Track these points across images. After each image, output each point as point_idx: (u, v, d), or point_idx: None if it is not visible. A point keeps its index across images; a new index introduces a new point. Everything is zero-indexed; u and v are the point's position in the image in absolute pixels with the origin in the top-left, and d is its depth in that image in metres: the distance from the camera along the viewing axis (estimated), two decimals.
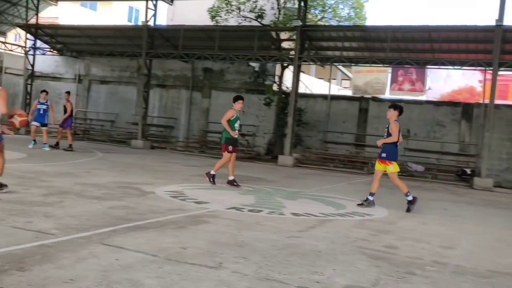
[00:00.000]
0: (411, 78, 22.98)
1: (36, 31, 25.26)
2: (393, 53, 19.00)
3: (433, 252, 5.81)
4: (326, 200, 9.69)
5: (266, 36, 21.72)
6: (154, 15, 22.02)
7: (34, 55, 25.73)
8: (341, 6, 25.51)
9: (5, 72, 27.34)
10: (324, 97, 22.43)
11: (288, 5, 24.59)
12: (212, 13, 23.76)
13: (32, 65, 25.63)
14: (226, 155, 10.50)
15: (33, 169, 10.42)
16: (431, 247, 6.11)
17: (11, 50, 27.10)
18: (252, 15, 23.03)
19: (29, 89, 25.66)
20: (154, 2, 21.98)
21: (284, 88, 22.35)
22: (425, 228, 7.58)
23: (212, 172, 10.56)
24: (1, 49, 26.81)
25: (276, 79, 22.93)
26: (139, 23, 30.51)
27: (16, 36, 30.99)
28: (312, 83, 28.88)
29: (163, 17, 30.46)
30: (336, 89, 30.91)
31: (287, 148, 19.00)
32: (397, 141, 8.91)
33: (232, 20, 23.61)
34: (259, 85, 22.79)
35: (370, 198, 9.03)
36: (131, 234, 5.36)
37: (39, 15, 25.79)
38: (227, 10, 23.36)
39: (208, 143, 22.65)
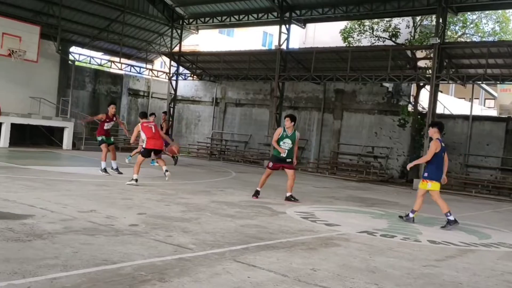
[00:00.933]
0: None
1: (179, 58, 27.30)
2: None
3: None
4: (468, 228, 8.96)
5: (401, 55, 21.05)
6: (287, 39, 22.54)
7: (176, 80, 27.79)
8: (484, 21, 23.94)
9: (152, 97, 29.88)
10: (465, 117, 20.97)
11: (425, 22, 23.70)
12: (344, 35, 23.74)
13: (175, 90, 27.71)
14: (267, 170, 10.68)
15: (173, 187, 11.14)
16: None
17: (157, 77, 29.57)
18: (386, 35, 22.54)
19: (171, 112, 27.69)
20: (287, 26, 22.53)
21: (419, 108, 21.38)
22: None
23: (258, 188, 10.63)
24: (149, 75, 29.38)
25: (411, 99, 22.04)
26: (273, 47, 31.47)
27: (162, 63, 33.75)
28: (451, 103, 27.27)
29: (296, 40, 31.09)
30: (478, 109, 28.83)
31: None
32: (429, 159, 8.77)
33: (365, 41, 23.33)
34: (393, 105, 22.09)
35: (411, 214, 8.94)
36: (262, 253, 5.42)
37: (182, 43, 27.87)
38: (360, 30, 23.17)
39: (339, 165, 22.38)
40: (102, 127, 12.94)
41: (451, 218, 8.53)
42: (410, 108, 21.71)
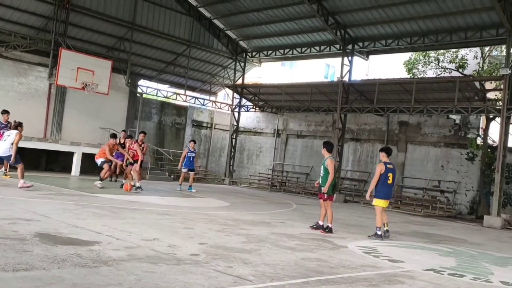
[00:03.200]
0: None
1: (242, 90, 27.83)
2: None
3: None
4: None
5: (469, 87, 20.38)
6: (349, 71, 22.45)
7: (239, 112, 28.30)
8: None
9: (215, 128, 30.51)
10: None
11: (494, 53, 22.89)
12: (408, 66, 23.36)
13: (237, 121, 28.17)
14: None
15: (234, 217, 11.20)
16: None
17: (220, 108, 30.23)
18: (452, 66, 21.97)
19: (233, 143, 28.11)
20: (349, 58, 22.47)
21: (489, 141, 20.48)
22: None
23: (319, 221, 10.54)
24: (212, 107, 30.09)
25: (480, 132, 21.18)
26: (335, 79, 31.40)
27: (225, 96, 34.46)
28: None
29: (358, 72, 30.91)
30: None
31: (495, 208, 17.14)
32: (377, 181, 10.04)
33: (430, 72, 22.83)
34: (461, 138, 21.30)
35: (378, 232, 10.00)
36: None
37: (244, 75, 28.44)
38: (425, 62, 22.73)
39: (403, 199, 21.70)
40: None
41: (379, 232, 9.97)
42: (479, 141, 20.86)
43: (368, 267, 6.83)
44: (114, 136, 15.59)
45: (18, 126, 12.99)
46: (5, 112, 14.88)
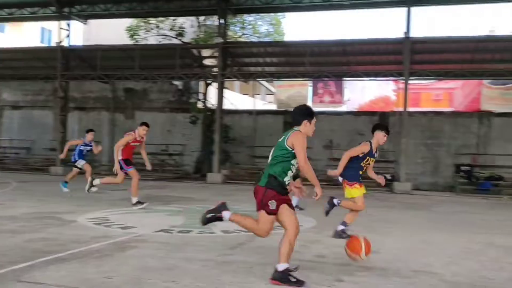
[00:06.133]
0: (330, 90, 23.61)
1: None
2: (312, 67, 19.44)
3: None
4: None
5: (188, 54, 21.58)
6: (68, 36, 21.23)
7: None
8: (260, 23, 25.95)
9: None
10: (249, 112, 22.55)
11: (208, 22, 24.64)
12: (130, 32, 23.34)
13: None
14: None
15: None
16: None
17: None
18: (172, 33, 22.83)
19: None
20: (67, 22, 21.20)
21: (209, 105, 22.26)
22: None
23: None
24: None
25: (201, 96, 22.81)
26: (53, 43, 29.33)
27: None
28: (237, 99, 29.03)
29: (79, 37, 29.44)
30: (261, 104, 31.25)
31: (216, 165, 18.86)
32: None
33: (152, 39, 23.29)
34: (184, 103, 22.56)
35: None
36: (51, 268, 4.99)
37: None
38: (146, 28, 23.04)
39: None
40: None
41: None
42: (200, 105, 22.44)
43: (100, 238, 6.70)
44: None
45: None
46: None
